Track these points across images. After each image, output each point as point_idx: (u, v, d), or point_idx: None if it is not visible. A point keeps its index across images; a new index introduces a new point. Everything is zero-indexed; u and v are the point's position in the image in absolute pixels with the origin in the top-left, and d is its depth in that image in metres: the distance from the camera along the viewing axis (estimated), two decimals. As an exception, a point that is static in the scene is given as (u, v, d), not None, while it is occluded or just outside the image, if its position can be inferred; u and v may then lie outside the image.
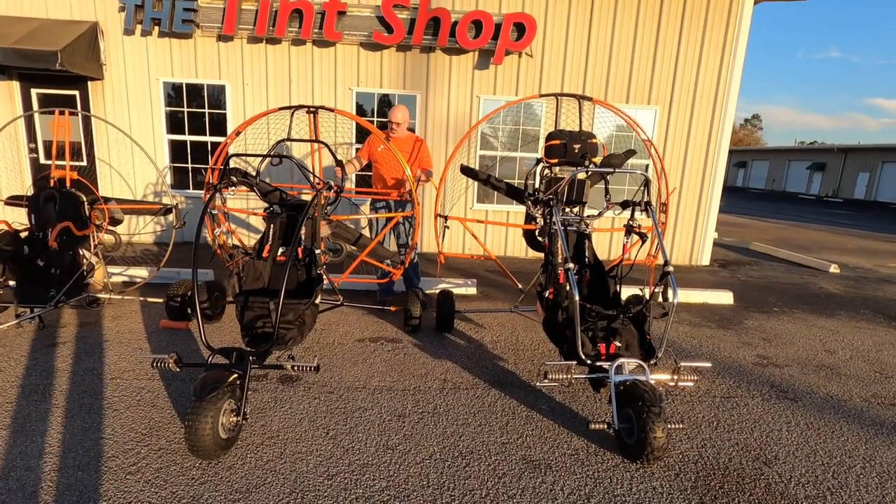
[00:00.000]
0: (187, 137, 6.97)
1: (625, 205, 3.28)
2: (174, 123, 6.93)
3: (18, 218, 4.54)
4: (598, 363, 2.72)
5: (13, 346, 3.48)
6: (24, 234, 3.98)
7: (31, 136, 6.92)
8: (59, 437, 2.46)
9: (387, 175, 4.61)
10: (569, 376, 2.66)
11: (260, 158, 3.76)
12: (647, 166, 7.00)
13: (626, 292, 3.88)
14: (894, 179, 26.48)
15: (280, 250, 3.26)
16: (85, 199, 4.24)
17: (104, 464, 2.28)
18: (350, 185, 7.02)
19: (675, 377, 2.71)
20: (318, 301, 3.06)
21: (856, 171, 28.79)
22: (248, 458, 2.38)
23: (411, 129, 6.81)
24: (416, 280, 4.82)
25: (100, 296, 4.34)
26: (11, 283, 3.80)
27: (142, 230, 7.15)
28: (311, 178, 3.82)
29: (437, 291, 4.45)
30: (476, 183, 6.64)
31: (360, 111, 7.02)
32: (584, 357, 2.73)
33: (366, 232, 4.75)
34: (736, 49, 6.79)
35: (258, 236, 4.03)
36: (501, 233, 7.36)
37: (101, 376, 3.11)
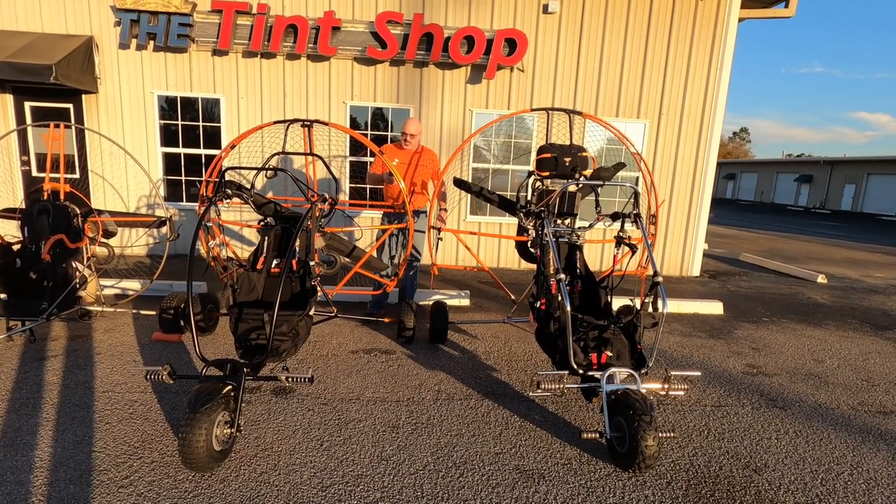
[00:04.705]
0: (181, 150, 7.00)
1: (615, 216, 3.34)
2: (168, 136, 6.96)
3: (11, 231, 4.53)
4: (590, 373, 2.75)
5: (3, 359, 3.45)
6: (16, 247, 3.97)
7: (24, 149, 6.92)
8: (50, 451, 2.45)
9: (396, 191, 4.55)
10: (561, 386, 2.68)
11: (254, 171, 3.80)
12: (637, 179, 7.11)
13: (617, 303, 3.94)
14: (880, 191, 26.99)
15: (274, 262, 3.28)
16: (78, 211, 4.24)
17: (96, 477, 2.27)
18: (344, 196, 7.07)
19: (666, 386, 2.75)
20: (312, 313, 3.08)
21: (842, 183, 29.32)
22: (241, 470, 2.37)
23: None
24: (410, 292, 4.84)
25: (92, 308, 4.33)
26: (2, 295, 3.78)
27: (135, 243, 7.12)
28: (306, 191, 3.85)
29: (431, 303, 4.48)
30: (469, 195, 6.72)
31: (354, 125, 7.08)
32: (576, 367, 2.76)
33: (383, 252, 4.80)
34: (722, 64, 6.96)
35: (252, 248, 4.05)
36: (494, 244, 7.42)
37: (93, 389, 3.09)
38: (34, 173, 6.93)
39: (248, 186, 3.68)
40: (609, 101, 7.07)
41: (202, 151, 7.00)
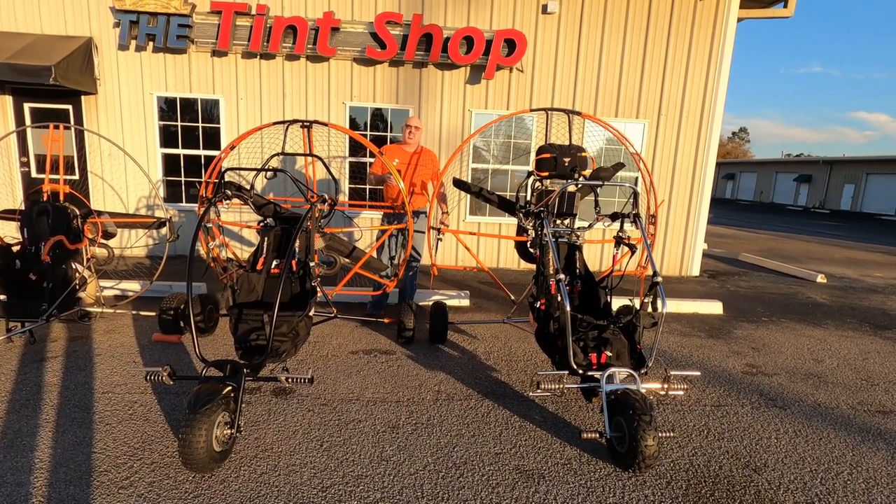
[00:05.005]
0: (181, 151, 7.00)
1: (614, 217, 3.34)
2: (167, 137, 6.96)
3: (10, 232, 4.53)
4: (590, 373, 2.76)
5: (3, 360, 3.45)
6: (15, 249, 3.97)
7: (24, 150, 6.92)
8: (50, 452, 2.45)
9: (396, 191, 4.60)
10: (561, 386, 2.68)
11: (254, 172, 3.80)
12: (636, 179, 7.12)
13: (617, 303, 3.94)
14: (879, 191, 27.01)
15: (274, 263, 3.28)
16: (78, 212, 4.24)
17: (96, 478, 2.27)
18: (343, 197, 7.07)
19: (666, 386, 2.75)
20: (311, 313, 3.08)
21: (841, 183, 29.34)
22: (242, 470, 2.37)
23: None
24: (410, 292, 4.84)
25: (91, 310, 4.32)
26: (2, 297, 3.77)
27: (135, 244, 7.12)
28: (306, 192, 3.85)
29: (431, 303, 4.48)
30: (468, 195, 6.72)
31: (354, 125, 7.09)
32: (575, 367, 2.76)
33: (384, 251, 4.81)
34: (721, 63, 6.97)
35: (252, 249, 4.05)
36: (494, 245, 7.42)
37: (93, 390, 3.09)
38: (33, 174, 6.92)
39: (248, 187, 3.69)
40: (608, 102, 7.07)
41: (202, 152, 7.00)
